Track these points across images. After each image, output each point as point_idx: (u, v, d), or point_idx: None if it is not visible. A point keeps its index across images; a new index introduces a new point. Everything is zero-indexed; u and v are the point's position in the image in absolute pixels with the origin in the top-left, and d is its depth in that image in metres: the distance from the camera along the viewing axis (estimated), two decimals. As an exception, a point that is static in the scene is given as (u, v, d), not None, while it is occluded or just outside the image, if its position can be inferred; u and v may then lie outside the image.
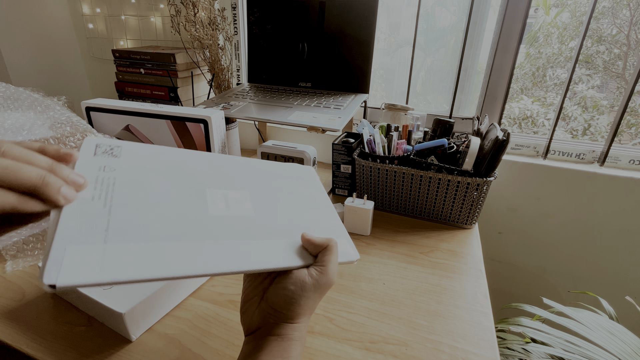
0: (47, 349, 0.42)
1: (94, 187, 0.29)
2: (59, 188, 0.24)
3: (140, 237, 0.28)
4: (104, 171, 0.30)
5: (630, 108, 0.79)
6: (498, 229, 0.96)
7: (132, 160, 0.33)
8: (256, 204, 0.38)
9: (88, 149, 0.31)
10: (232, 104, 0.81)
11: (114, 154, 0.32)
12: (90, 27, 1.22)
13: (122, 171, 0.31)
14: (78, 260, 0.24)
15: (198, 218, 0.33)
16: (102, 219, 0.27)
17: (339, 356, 0.42)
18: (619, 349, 0.64)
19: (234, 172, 0.40)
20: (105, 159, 0.32)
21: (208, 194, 0.35)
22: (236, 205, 0.37)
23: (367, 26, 0.84)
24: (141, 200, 0.31)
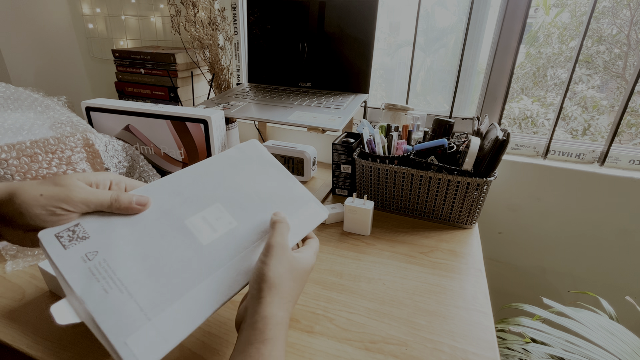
0: (47, 349, 0.42)
1: (97, 280, 0.30)
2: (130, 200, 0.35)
3: (170, 299, 0.31)
4: (90, 260, 0.31)
5: (630, 108, 0.79)
6: (498, 229, 0.96)
7: (101, 232, 0.33)
8: (233, 211, 0.40)
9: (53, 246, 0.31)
10: (232, 104, 0.81)
11: (80, 236, 0.32)
12: (90, 27, 1.22)
13: (104, 249, 0.32)
14: (143, 344, 0.28)
15: (198, 254, 0.35)
16: (131, 303, 0.30)
17: (339, 356, 0.42)
18: (619, 349, 0.64)
19: (195, 190, 0.40)
20: (79, 247, 0.31)
21: (189, 226, 0.37)
22: (218, 222, 0.38)
23: (367, 26, 0.84)
24: (143, 266, 0.32)
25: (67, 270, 0.30)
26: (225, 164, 0.43)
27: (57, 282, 0.47)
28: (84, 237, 0.32)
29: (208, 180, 0.41)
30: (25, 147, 0.54)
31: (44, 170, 0.56)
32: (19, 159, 0.54)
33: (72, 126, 0.60)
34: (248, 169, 0.44)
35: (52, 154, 0.57)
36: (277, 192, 0.44)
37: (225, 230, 0.38)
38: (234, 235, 0.38)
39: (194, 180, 0.40)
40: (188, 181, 0.40)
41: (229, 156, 0.45)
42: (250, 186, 0.43)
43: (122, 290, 0.30)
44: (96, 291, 0.30)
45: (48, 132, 0.57)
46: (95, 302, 0.29)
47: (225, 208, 0.39)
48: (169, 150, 0.73)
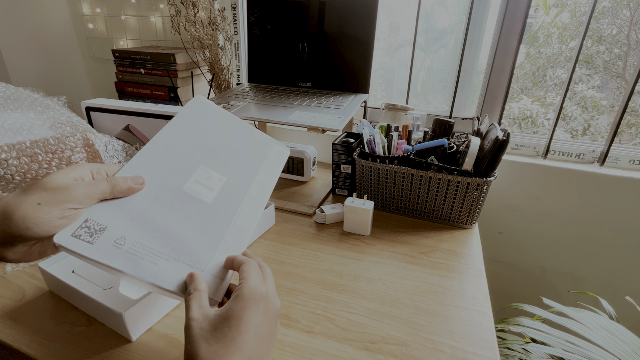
0: (47, 349, 0.42)
1: (142, 258, 0.33)
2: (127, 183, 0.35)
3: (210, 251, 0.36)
4: (122, 245, 0.33)
5: (630, 108, 0.79)
6: (498, 229, 0.96)
7: (115, 219, 0.34)
8: (217, 168, 0.42)
9: (80, 246, 0.31)
10: (232, 104, 0.81)
11: (97, 229, 0.33)
12: (90, 27, 1.22)
13: (129, 233, 0.34)
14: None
15: (210, 212, 0.38)
16: (181, 265, 0.34)
17: (339, 356, 0.42)
18: (619, 349, 0.64)
19: (174, 159, 0.41)
20: (104, 238, 0.32)
21: (189, 191, 0.39)
22: (211, 181, 0.41)
23: (367, 26, 0.84)
24: (172, 235, 0.35)
25: (109, 259, 0.31)
26: (185, 127, 0.44)
27: (57, 282, 0.47)
28: (102, 228, 0.33)
29: (179, 146, 0.41)
30: (25, 147, 0.54)
31: (43, 170, 0.56)
32: (19, 159, 0.54)
33: (72, 126, 0.60)
34: (207, 126, 0.45)
35: (52, 154, 0.57)
36: (242, 140, 0.46)
37: (220, 186, 0.41)
38: (229, 188, 0.41)
39: (167, 150, 0.41)
40: (163, 152, 0.40)
41: (183, 118, 0.44)
42: (218, 141, 0.44)
43: (169, 259, 0.34)
44: (147, 266, 0.32)
45: (48, 132, 0.57)
46: (153, 275, 0.32)
47: (210, 167, 0.41)
48: (169, 150, 0.73)
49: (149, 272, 0.32)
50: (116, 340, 0.43)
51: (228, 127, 0.46)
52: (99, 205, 0.34)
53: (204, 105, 0.47)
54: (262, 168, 0.45)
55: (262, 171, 0.45)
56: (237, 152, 0.45)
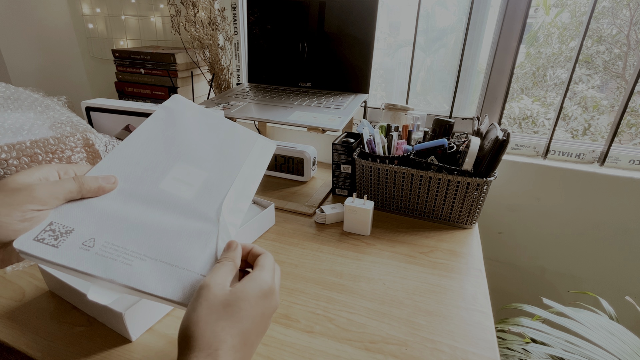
0: (47, 349, 0.42)
1: (114, 259, 0.30)
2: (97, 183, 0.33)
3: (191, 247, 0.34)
4: (91, 246, 0.30)
5: (630, 108, 0.79)
6: (498, 229, 0.96)
7: (84, 220, 0.32)
8: (197, 164, 0.40)
9: (42, 249, 0.29)
10: (232, 104, 0.81)
11: (63, 231, 0.30)
12: (90, 27, 1.22)
13: (99, 234, 0.31)
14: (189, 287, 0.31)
15: (191, 207, 0.36)
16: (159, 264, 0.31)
17: (339, 356, 0.42)
18: (619, 349, 0.64)
19: (150, 156, 0.39)
20: (71, 241, 0.30)
21: (167, 188, 0.37)
22: (190, 177, 0.39)
23: (367, 26, 0.84)
24: (148, 233, 0.33)
25: (76, 263, 0.29)
26: (161, 125, 0.42)
27: (57, 282, 0.47)
28: (68, 230, 0.30)
29: (156, 144, 0.40)
30: (25, 147, 0.54)
31: (44, 170, 0.56)
32: (19, 159, 0.54)
33: (72, 126, 0.60)
34: (186, 123, 0.43)
35: (52, 154, 0.57)
36: (224, 137, 0.44)
37: (201, 181, 0.38)
38: (211, 183, 0.39)
39: (143, 148, 0.39)
40: (137, 151, 0.38)
41: (159, 116, 0.43)
42: (197, 138, 0.42)
43: (144, 258, 0.31)
44: (119, 268, 0.30)
45: (48, 132, 0.57)
46: (126, 276, 0.29)
47: (189, 164, 0.39)
48: (169, 150, 0.73)
49: (122, 273, 0.29)
50: (116, 340, 0.43)
51: (208, 124, 0.45)
52: (66, 206, 0.31)
53: (182, 103, 0.45)
54: (247, 162, 0.43)
55: (246, 165, 0.42)
56: (219, 148, 0.43)
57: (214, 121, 0.46)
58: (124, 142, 0.38)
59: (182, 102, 0.45)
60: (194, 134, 0.43)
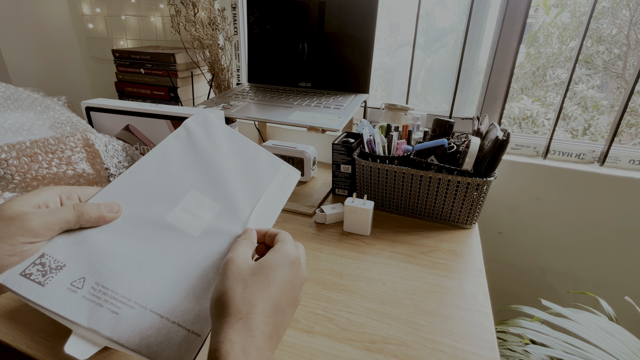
0: (47, 349, 0.42)
1: (100, 305, 0.28)
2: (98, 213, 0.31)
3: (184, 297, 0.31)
4: (80, 288, 0.28)
5: (630, 108, 0.79)
6: (498, 229, 0.96)
7: (77, 256, 0.29)
8: (210, 194, 0.37)
9: (26, 287, 0.26)
10: (232, 104, 0.81)
11: (53, 267, 0.28)
12: (90, 27, 1.22)
13: (90, 273, 0.29)
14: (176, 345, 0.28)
15: (194, 247, 0.34)
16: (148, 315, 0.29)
17: (339, 356, 0.42)
18: (619, 350, 0.64)
19: (162, 182, 0.36)
20: (58, 279, 0.28)
21: (173, 222, 0.34)
22: (201, 210, 0.36)
23: (367, 26, 0.84)
24: (142, 275, 0.30)
25: (58, 307, 0.26)
26: (180, 146, 0.39)
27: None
28: (59, 266, 0.27)
29: (170, 169, 0.36)
30: (25, 147, 0.54)
31: (44, 170, 0.56)
32: (19, 159, 0.54)
33: (72, 126, 0.60)
34: (207, 146, 0.40)
35: (52, 154, 0.57)
36: (246, 163, 0.41)
37: (211, 215, 0.35)
38: (222, 218, 0.36)
39: (156, 172, 0.36)
40: (150, 175, 0.35)
41: (179, 137, 0.39)
42: (217, 163, 0.39)
43: (134, 306, 0.28)
44: (105, 316, 0.27)
45: (48, 132, 0.57)
46: (110, 327, 0.27)
47: (202, 193, 0.36)
48: (169, 150, 0.73)
49: (106, 323, 0.27)
50: (116, 340, 0.43)
51: (233, 147, 0.42)
52: (61, 238, 0.29)
53: (206, 122, 0.41)
54: (266, 194, 0.40)
55: (265, 197, 0.39)
56: (238, 175, 0.39)
57: (239, 144, 0.42)
58: (136, 164, 0.36)
59: (206, 121, 0.42)
60: (214, 159, 0.39)
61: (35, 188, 0.55)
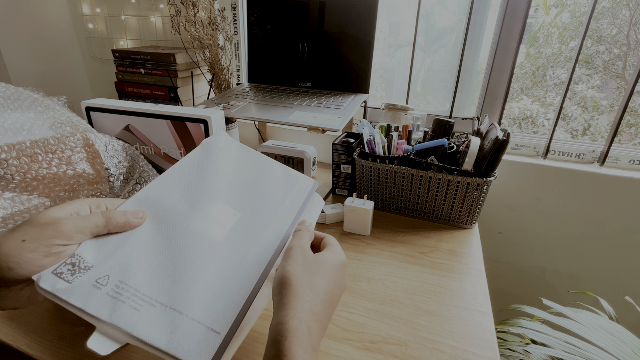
0: (47, 349, 0.42)
1: (122, 302, 0.29)
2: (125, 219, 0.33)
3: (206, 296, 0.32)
4: (104, 285, 0.29)
5: (630, 108, 0.79)
6: (498, 229, 0.96)
7: (104, 257, 0.31)
8: (233, 204, 0.40)
9: (56, 284, 0.28)
10: (232, 104, 0.81)
11: (82, 267, 0.30)
12: (90, 27, 1.22)
13: (115, 272, 0.30)
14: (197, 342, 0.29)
15: (217, 250, 0.35)
16: (168, 312, 0.30)
17: (339, 356, 0.42)
18: (619, 350, 0.64)
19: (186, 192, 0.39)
20: (85, 278, 0.29)
21: (196, 227, 0.36)
22: (223, 217, 0.38)
23: (367, 26, 0.84)
24: (165, 275, 0.31)
25: (83, 302, 0.28)
26: (203, 161, 0.42)
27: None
28: (87, 267, 0.29)
29: (194, 179, 0.39)
30: (25, 147, 0.54)
31: (44, 170, 0.56)
32: (19, 159, 0.54)
33: (72, 126, 0.60)
34: (230, 162, 0.43)
35: (52, 154, 0.57)
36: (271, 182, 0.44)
37: (233, 222, 0.38)
38: (243, 224, 0.38)
39: (180, 182, 0.39)
40: (174, 185, 0.38)
41: (204, 151, 0.43)
42: (241, 179, 0.42)
43: (154, 304, 0.29)
44: (126, 312, 0.28)
45: (48, 132, 0.57)
46: (131, 323, 0.28)
47: (225, 204, 0.39)
48: (169, 150, 0.73)
49: (127, 319, 0.28)
50: (116, 340, 0.43)
51: (255, 166, 0.45)
52: (91, 242, 0.31)
53: (225, 142, 0.45)
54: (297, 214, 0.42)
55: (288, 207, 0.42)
56: (262, 190, 0.42)
57: (261, 164, 0.45)
58: (163, 174, 0.39)
59: (228, 142, 0.45)
60: (238, 176, 0.42)
61: (35, 188, 0.55)
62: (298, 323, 0.28)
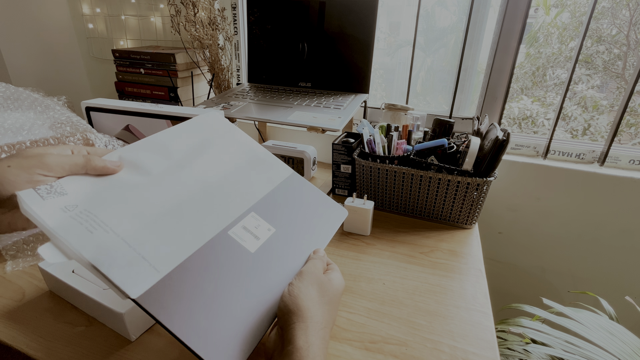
0: (47, 349, 0.42)
1: (80, 223, 0.31)
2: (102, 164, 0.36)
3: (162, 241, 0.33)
4: (70, 210, 0.32)
5: (630, 108, 0.79)
6: (498, 229, 0.96)
7: (80, 192, 0.34)
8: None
9: (30, 197, 0.31)
10: (232, 104, 0.81)
11: (58, 191, 0.33)
12: (90, 27, 1.22)
13: (85, 204, 0.33)
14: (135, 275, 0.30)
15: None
16: (118, 241, 0.31)
17: (339, 356, 0.42)
18: (619, 350, 0.64)
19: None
20: (57, 200, 0.32)
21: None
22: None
23: (367, 26, 0.84)
24: (143, 224, 0.33)
25: (46, 216, 0.30)
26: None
27: (57, 282, 0.47)
28: (62, 192, 0.33)
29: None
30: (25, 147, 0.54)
31: (44, 170, 0.56)
32: (19, 159, 0.53)
33: (72, 126, 0.60)
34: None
35: (52, 154, 0.57)
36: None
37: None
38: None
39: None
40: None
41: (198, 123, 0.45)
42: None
43: (108, 231, 0.31)
44: (78, 231, 0.30)
45: (48, 132, 0.57)
46: (78, 238, 0.30)
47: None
48: (169, 150, 0.73)
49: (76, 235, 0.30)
50: (116, 340, 0.43)
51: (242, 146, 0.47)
52: (73, 177, 0.34)
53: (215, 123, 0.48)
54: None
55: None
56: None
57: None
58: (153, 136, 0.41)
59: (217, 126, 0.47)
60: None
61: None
62: (317, 351, 0.30)
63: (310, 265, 0.38)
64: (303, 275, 0.36)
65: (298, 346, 0.30)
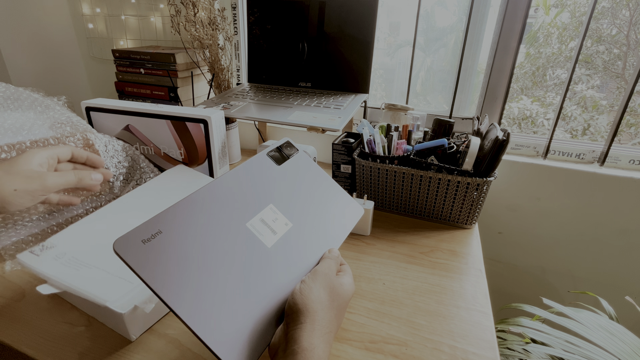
0: (47, 349, 0.42)
1: (67, 267, 0.44)
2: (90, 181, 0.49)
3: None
4: (60, 258, 0.45)
5: (630, 108, 0.79)
6: (498, 229, 0.96)
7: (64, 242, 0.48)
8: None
9: (29, 259, 0.45)
10: (232, 104, 0.81)
11: (48, 246, 0.46)
12: (90, 27, 1.22)
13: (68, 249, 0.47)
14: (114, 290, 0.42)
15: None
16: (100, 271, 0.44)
17: (339, 356, 0.42)
18: (619, 349, 0.64)
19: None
20: (48, 252, 0.46)
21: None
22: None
23: (367, 26, 0.84)
24: None
25: (43, 269, 0.42)
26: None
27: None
28: (51, 247, 0.46)
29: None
30: (25, 147, 0.54)
31: (44, 170, 0.56)
32: (19, 159, 0.53)
33: (72, 126, 0.60)
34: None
35: (52, 154, 0.57)
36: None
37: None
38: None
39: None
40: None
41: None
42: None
43: (90, 267, 0.44)
44: (68, 272, 0.43)
45: (48, 132, 0.57)
46: (69, 277, 0.42)
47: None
48: (169, 150, 0.73)
49: (67, 275, 0.42)
50: (116, 340, 0.43)
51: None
52: (63, 232, 0.48)
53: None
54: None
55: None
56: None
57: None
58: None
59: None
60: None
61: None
62: (321, 354, 0.30)
63: (325, 265, 0.37)
64: (317, 275, 0.35)
65: (303, 347, 0.29)
